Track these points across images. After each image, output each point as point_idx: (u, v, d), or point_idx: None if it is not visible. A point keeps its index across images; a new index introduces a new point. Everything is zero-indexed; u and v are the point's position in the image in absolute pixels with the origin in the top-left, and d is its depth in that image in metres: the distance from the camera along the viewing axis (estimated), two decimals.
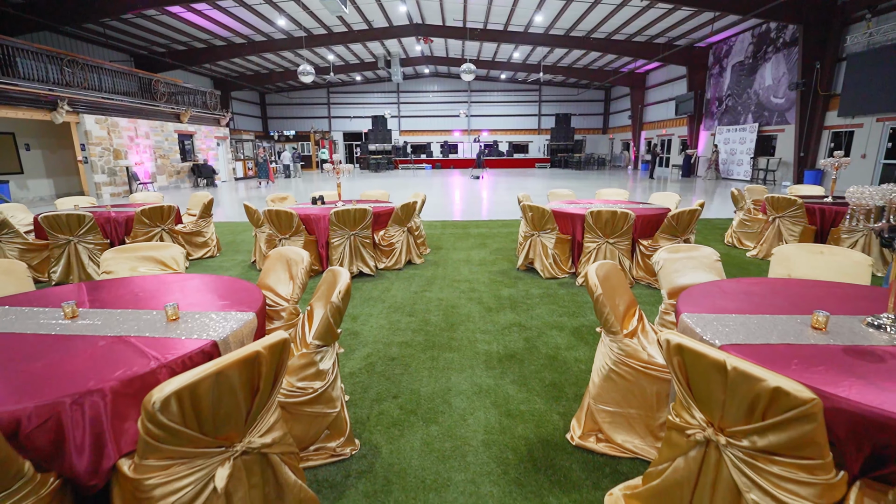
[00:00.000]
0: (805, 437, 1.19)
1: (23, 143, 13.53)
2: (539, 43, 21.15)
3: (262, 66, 26.86)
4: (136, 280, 2.51)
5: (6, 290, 2.47)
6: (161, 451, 1.28)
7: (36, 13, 14.28)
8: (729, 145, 20.04)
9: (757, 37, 18.11)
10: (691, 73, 21.77)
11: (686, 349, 1.38)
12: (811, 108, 15.18)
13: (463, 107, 33.90)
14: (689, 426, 1.46)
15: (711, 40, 20.27)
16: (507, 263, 5.64)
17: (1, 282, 2.49)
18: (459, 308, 4.10)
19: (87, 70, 13.61)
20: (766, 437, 1.25)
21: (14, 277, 2.56)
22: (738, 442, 1.33)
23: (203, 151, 19.68)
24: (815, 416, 1.15)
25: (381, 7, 18.45)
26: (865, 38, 13.31)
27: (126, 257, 2.90)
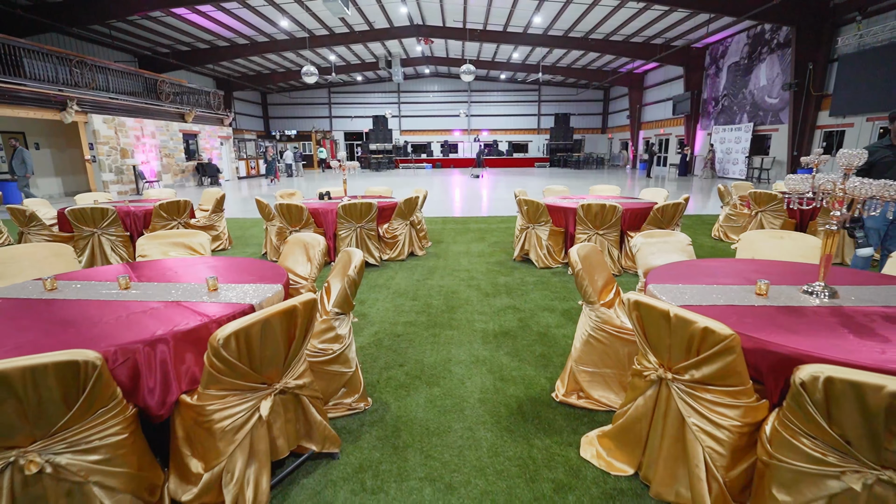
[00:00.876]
0: (728, 367, 1.51)
1: (32, 142, 13.85)
2: (538, 43, 21.47)
3: (264, 67, 27.17)
4: (171, 261, 2.84)
5: (57, 269, 2.79)
6: (220, 383, 1.60)
7: (44, 15, 14.61)
8: (725, 144, 20.35)
9: (752, 38, 18.42)
10: (688, 73, 22.07)
11: (641, 304, 1.71)
12: (804, 108, 15.50)
13: (463, 107, 34.20)
14: (646, 369, 1.79)
15: (708, 41, 20.58)
16: (504, 255, 5.96)
17: (53, 262, 2.81)
18: (459, 293, 4.42)
19: (95, 71, 13.93)
20: (700, 370, 1.57)
21: (63, 259, 2.88)
22: (681, 377, 1.65)
23: (207, 151, 20.00)
24: (734, 349, 1.48)
25: (383, 8, 18.76)
26: (856, 39, 13.62)
27: (159, 243, 3.23)
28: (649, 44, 21.18)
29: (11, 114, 11.41)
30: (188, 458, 1.71)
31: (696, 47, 21.34)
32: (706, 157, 20.93)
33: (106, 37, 18.05)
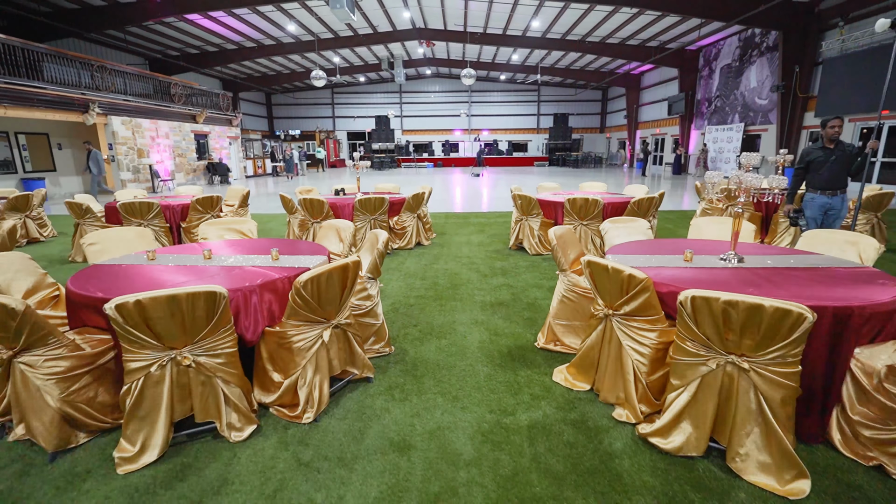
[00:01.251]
0: (646, 302, 2.22)
1: (55, 142, 14.57)
2: (536, 46, 22.16)
3: (270, 68, 27.86)
4: (234, 241, 3.56)
5: (142, 247, 3.50)
6: (298, 315, 2.32)
7: (63, 21, 15.33)
8: (717, 144, 21.02)
9: (743, 41, 19.08)
10: (682, 74, 22.75)
11: (591, 262, 2.42)
12: (791, 109, 16.18)
13: (464, 107, 34.87)
14: (597, 310, 2.50)
15: (701, 44, 21.24)
16: (501, 244, 6.67)
17: (137, 242, 3.53)
18: (461, 275, 5.13)
19: (114, 74, 14.65)
20: (629, 305, 2.29)
21: (145, 240, 3.60)
22: (618, 312, 2.36)
23: (217, 151, 20.72)
24: (648, 288, 2.18)
25: (386, 13, 19.46)
26: (839, 44, 14.28)
27: (216, 228, 3.94)
28: (644, 46, 21.84)
29: (40, 116, 12.13)
30: (270, 372, 2.43)
31: (690, 49, 22.00)
32: (699, 157, 21.62)
33: (121, 41, 18.77)
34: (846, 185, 4.66)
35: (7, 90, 11.07)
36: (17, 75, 11.45)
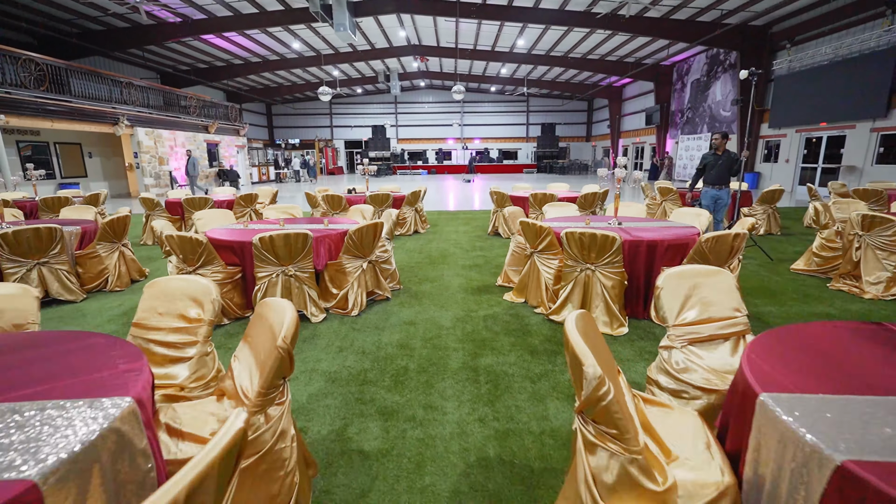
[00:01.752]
0: (550, 242, 3.88)
1: (87, 151, 16.14)
2: (523, 61, 24.00)
3: (272, 81, 29.53)
4: (292, 218, 5.20)
5: (227, 223, 5.11)
6: (349, 252, 3.96)
7: (90, 41, 16.94)
8: (689, 152, 22.86)
9: (710, 58, 20.99)
10: (658, 88, 24.64)
11: (522, 222, 4.08)
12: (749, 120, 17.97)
13: (456, 117, 36.69)
14: (526, 250, 4.15)
15: (674, 59, 23.14)
16: (482, 232, 8.34)
17: (223, 219, 5.15)
18: (448, 250, 6.78)
19: (139, 90, 16.26)
20: (542, 244, 3.94)
21: (227, 217, 5.22)
22: (536, 250, 4.01)
23: (226, 158, 22.33)
24: (550, 233, 3.84)
25: (384, 32, 21.21)
26: (787, 63, 16.15)
27: (275, 209, 5.57)
28: (622, 62, 23.72)
29: (78, 128, 13.72)
30: (330, 288, 4.06)
31: (664, 65, 23.90)
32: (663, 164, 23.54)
33: (138, 58, 20.40)
34: (728, 182, 6.37)
35: (53, 105, 12.65)
36: (61, 92, 13.04)
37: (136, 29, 16.98)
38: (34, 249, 4.30)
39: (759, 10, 15.20)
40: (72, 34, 16.66)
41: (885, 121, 12.79)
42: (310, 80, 30.06)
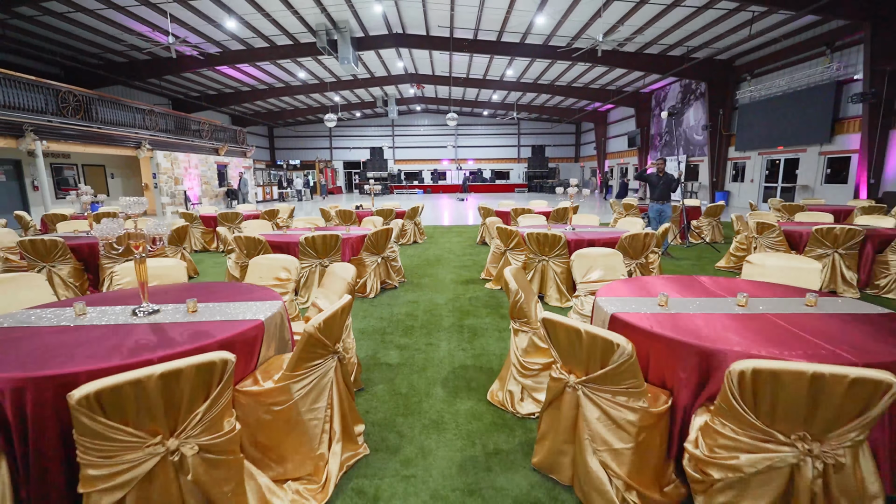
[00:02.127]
0: (517, 243, 5.24)
1: (109, 172, 17.49)
2: (512, 89, 25.75)
3: (276, 106, 31.17)
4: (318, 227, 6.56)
5: (265, 231, 6.45)
6: (368, 250, 5.31)
7: (112, 71, 18.44)
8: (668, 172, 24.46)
9: (683, 87, 22.78)
10: (638, 113, 26.41)
11: (499, 228, 5.45)
12: (718, 144, 19.68)
13: (450, 139, 38.44)
14: (500, 249, 5.51)
15: (652, 88, 24.95)
16: (472, 242, 9.71)
17: (261, 228, 6.49)
18: (443, 255, 8.14)
19: (159, 116, 17.72)
20: (511, 244, 5.31)
21: (263, 226, 6.57)
22: (509, 248, 5.38)
23: (234, 179, 23.74)
24: (518, 235, 5.21)
25: (383, 62, 22.89)
26: (749, 93, 17.87)
27: (301, 221, 6.93)
28: (605, 89, 25.52)
29: (105, 152, 15.09)
30: None
31: (643, 92, 25.69)
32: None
33: (155, 86, 21.94)
34: (669, 198, 7.81)
35: (86, 132, 14.03)
36: (93, 119, 14.44)
37: (156, 61, 18.51)
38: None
39: (721, 47, 16.94)
40: (97, 65, 18.18)
41: (830, 145, 14.40)
42: (312, 105, 31.72)
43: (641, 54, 18.40)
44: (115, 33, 15.60)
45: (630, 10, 14.01)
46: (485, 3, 14.70)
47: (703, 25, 14.95)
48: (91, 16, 13.91)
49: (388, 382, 3.25)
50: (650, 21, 14.85)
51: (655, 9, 13.90)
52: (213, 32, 16.60)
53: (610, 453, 1.92)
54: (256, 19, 15.70)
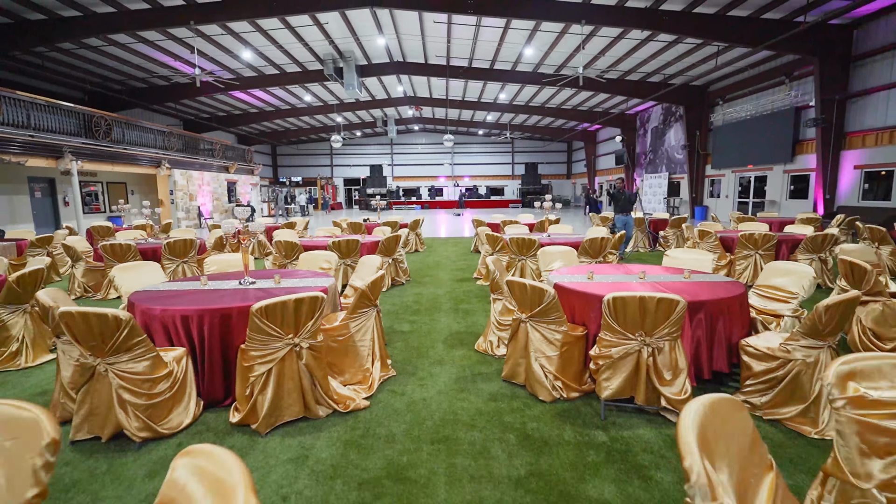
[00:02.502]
0: (502, 245, 6.55)
1: (130, 189, 18.79)
2: (506, 110, 27.35)
3: (280, 126, 32.66)
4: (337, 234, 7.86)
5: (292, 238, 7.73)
6: (380, 252, 6.61)
7: (132, 96, 19.85)
8: (652, 189, 25.98)
9: (665, 109, 24.37)
10: (625, 133, 27.96)
11: (487, 234, 6.75)
12: (696, 163, 21.18)
13: (447, 157, 40.01)
14: (490, 253, 6.81)
15: (637, 109, 26.59)
16: (467, 251, 11.01)
17: (289, 235, 7.77)
18: (441, 261, 9.42)
19: (177, 137, 19.09)
20: (497, 247, 6.61)
21: (292, 234, 7.85)
22: (496, 250, 6.68)
23: (243, 195, 25.07)
24: (503, 240, 6.52)
25: (384, 87, 24.47)
26: (721, 116, 19.42)
27: (322, 230, 8.22)
28: (592, 111, 27.15)
29: (131, 170, 16.41)
30: None
31: (628, 114, 27.32)
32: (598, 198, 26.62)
33: (171, 109, 23.39)
34: (630, 210, 9.17)
35: (114, 152, 15.36)
36: (118, 141, 15.78)
37: (175, 86, 19.96)
38: None
39: (695, 75, 18.54)
40: (119, 90, 19.61)
41: (792, 165, 15.87)
42: (314, 125, 33.25)
43: (623, 80, 19.98)
44: (140, 62, 17.05)
45: (608, 44, 15.58)
46: (478, 37, 16.24)
47: (676, 57, 16.54)
48: (122, 49, 15.36)
49: (404, 341, 4.51)
50: (627, 53, 16.42)
51: (631, 43, 15.47)
52: (230, 62, 18.09)
53: (546, 359, 3.20)
54: (270, 50, 17.20)
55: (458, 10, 12.87)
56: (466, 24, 15.10)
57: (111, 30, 13.32)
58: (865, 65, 13.08)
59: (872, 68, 12.88)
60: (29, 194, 14.21)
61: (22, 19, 12.97)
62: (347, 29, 15.82)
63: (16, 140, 11.74)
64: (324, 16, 14.44)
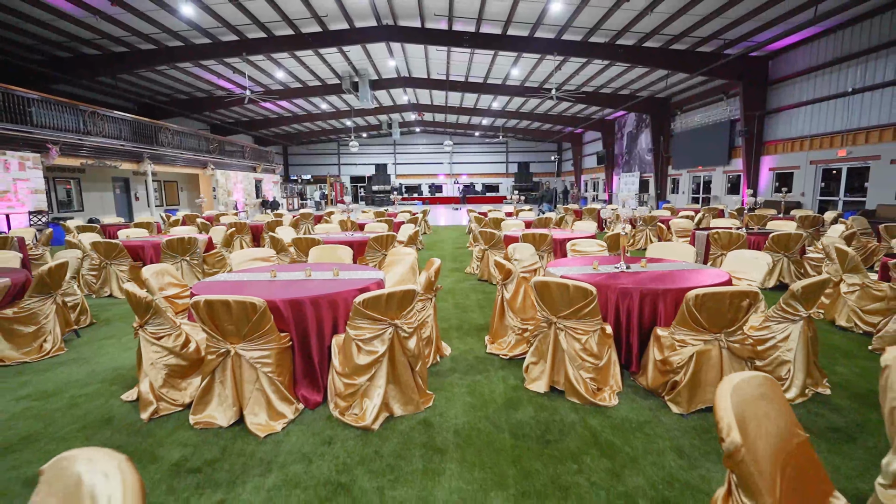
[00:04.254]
0: (496, 242, 10.04)
1: (180, 187, 22.22)
2: (499, 116, 30.81)
3: (294, 129, 36.01)
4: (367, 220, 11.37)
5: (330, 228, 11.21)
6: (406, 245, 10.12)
7: (177, 107, 23.22)
8: (628, 186, 29.47)
9: (637, 117, 27.82)
10: (604, 136, 31.42)
11: (481, 231, 10.23)
12: (661, 164, 24.67)
13: (446, 157, 43.41)
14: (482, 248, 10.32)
15: (615, 116, 30.01)
16: (462, 233, 14.48)
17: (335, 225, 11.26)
18: (445, 241, 12.90)
19: (218, 142, 22.52)
20: (493, 241, 10.10)
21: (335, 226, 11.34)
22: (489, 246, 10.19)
23: (267, 192, 28.49)
24: (502, 240, 10.01)
25: (391, 96, 27.88)
26: (680, 124, 22.90)
27: (365, 214, 11.69)
28: (575, 117, 30.57)
29: (184, 171, 19.80)
30: None
31: (608, 119, 30.75)
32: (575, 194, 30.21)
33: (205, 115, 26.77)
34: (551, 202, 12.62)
35: (177, 156, 18.76)
36: (179, 147, 19.17)
37: (209, 98, 23.33)
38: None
39: (656, 90, 22.00)
40: (167, 102, 23.00)
41: (729, 167, 19.37)
42: (325, 129, 36.61)
43: (597, 93, 23.44)
44: (190, 80, 20.43)
45: (578, 67, 19.05)
46: (473, 61, 19.68)
47: (637, 77, 20.02)
48: (181, 71, 18.75)
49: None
50: (597, 73, 19.90)
51: (597, 66, 18.95)
52: (263, 79, 21.50)
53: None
54: (298, 70, 20.60)
55: (456, 44, 16.32)
56: (463, 52, 18.53)
57: (179, 59, 16.71)
58: (778, 88, 16.56)
59: (783, 91, 16.36)
60: (112, 191, 17.63)
61: (110, 52, 16.36)
62: (364, 54, 19.24)
63: (113, 149, 15.15)
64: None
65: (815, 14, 12.16)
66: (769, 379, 1.42)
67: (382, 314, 2.95)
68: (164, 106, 22.72)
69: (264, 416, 2.84)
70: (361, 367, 2.92)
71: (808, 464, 1.41)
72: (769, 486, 1.26)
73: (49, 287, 4.16)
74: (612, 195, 31.61)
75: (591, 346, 3.25)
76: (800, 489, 1.33)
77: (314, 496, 2.17)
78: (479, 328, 5.05)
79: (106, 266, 6.38)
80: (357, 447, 2.59)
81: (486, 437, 2.71)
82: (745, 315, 2.83)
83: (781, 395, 1.41)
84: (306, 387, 3.17)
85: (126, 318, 5.36)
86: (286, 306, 3.12)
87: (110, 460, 0.93)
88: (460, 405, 3.17)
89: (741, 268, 4.10)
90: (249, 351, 2.83)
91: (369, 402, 2.93)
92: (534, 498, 2.14)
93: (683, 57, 16.57)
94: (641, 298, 3.41)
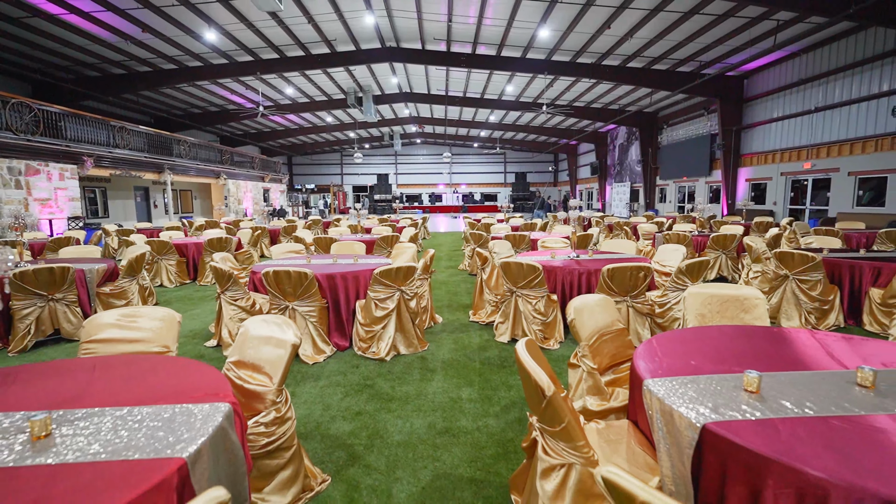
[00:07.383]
0: (484, 240, 11.32)
1: (194, 195, 23.55)
2: (496, 128, 32.23)
3: (299, 140, 37.44)
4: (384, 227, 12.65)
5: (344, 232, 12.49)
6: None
7: (192, 120, 24.63)
8: (619, 195, 30.80)
9: (627, 130, 29.21)
10: (597, 147, 32.82)
11: (471, 233, 11.51)
12: (649, 174, 26.00)
13: (446, 167, 44.83)
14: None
15: (607, 128, 31.41)
16: (458, 238, 15.73)
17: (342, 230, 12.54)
18: (442, 244, 14.16)
19: (228, 154, 23.90)
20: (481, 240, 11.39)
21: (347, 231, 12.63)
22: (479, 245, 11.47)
23: (274, 201, 29.83)
24: (487, 239, 11.28)
25: (393, 110, 29.31)
26: (666, 137, 24.25)
27: (374, 220, 12.98)
28: (569, 129, 31.98)
29: (199, 181, 21.13)
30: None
31: (600, 132, 32.16)
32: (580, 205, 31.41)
33: (215, 128, 28.18)
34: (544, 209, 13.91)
35: (193, 167, 20.10)
36: (195, 158, 20.51)
37: (222, 112, 24.75)
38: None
39: (644, 105, 23.39)
40: (181, 115, 24.42)
41: (710, 177, 20.68)
42: (329, 140, 38.06)
43: (588, 107, 24.84)
44: (205, 96, 21.84)
45: (569, 85, 20.45)
46: (470, 78, 21.08)
47: (624, 93, 21.41)
48: (197, 88, 20.16)
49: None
50: (586, 90, 21.30)
51: (586, 84, 20.34)
52: (273, 94, 22.91)
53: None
54: (306, 86, 22.01)
55: (454, 65, 17.71)
56: (461, 70, 19.93)
57: (198, 78, 18.11)
58: (753, 105, 17.91)
59: (757, 107, 17.71)
60: (133, 199, 18.95)
61: (135, 72, 17.76)
62: (369, 72, 20.66)
63: (138, 160, 16.48)
64: None
65: (775, 42, 13.54)
66: (606, 298, 2.69)
67: (392, 282, 4.22)
68: (179, 119, 24.13)
69: (311, 350, 4.10)
70: (378, 318, 4.18)
71: (620, 336, 2.67)
72: (590, 340, 2.53)
73: (134, 270, 5.43)
74: (606, 204, 32.94)
75: (540, 307, 4.51)
76: (611, 344, 2.60)
77: (350, 390, 3.41)
78: (465, 306, 6.29)
79: (157, 261, 7.65)
80: (375, 368, 3.85)
81: (463, 364, 3.96)
82: (644, 283, 4.09)
83: (613, 307, 2.68)
84: (338, 336, 4.44)
85: (181, 300, 6.62)
86: (323, 278, 4.39)
87: None
88: (447, 349, 4.43)
89: (665, 257, 5.36)
90: (301, 307, 4.10)
91: (382, 343, 4.18)
92: (489, 390, 3.38)
93: (665, 76, 17.94)
94: (579, 275, 4.67)
